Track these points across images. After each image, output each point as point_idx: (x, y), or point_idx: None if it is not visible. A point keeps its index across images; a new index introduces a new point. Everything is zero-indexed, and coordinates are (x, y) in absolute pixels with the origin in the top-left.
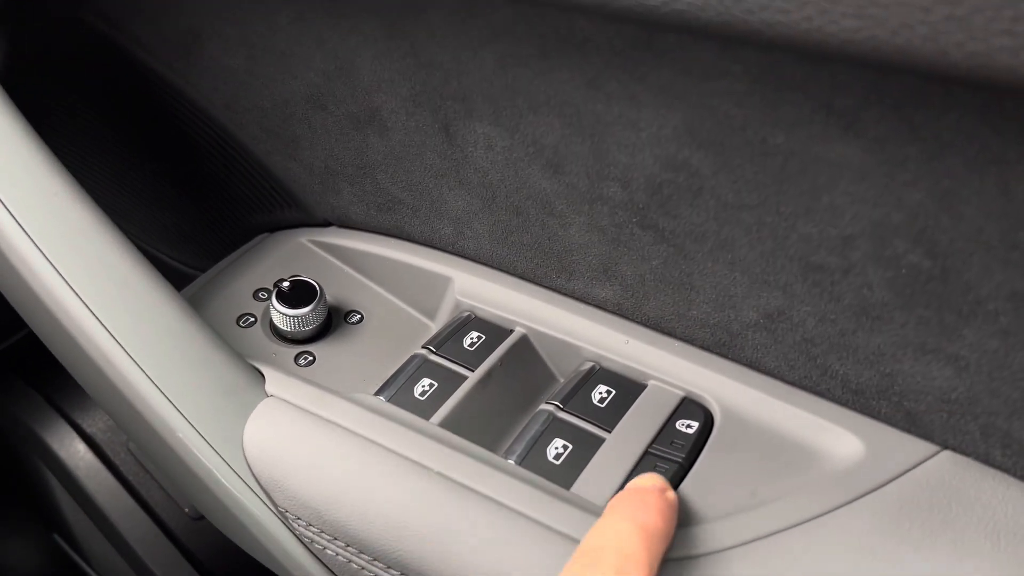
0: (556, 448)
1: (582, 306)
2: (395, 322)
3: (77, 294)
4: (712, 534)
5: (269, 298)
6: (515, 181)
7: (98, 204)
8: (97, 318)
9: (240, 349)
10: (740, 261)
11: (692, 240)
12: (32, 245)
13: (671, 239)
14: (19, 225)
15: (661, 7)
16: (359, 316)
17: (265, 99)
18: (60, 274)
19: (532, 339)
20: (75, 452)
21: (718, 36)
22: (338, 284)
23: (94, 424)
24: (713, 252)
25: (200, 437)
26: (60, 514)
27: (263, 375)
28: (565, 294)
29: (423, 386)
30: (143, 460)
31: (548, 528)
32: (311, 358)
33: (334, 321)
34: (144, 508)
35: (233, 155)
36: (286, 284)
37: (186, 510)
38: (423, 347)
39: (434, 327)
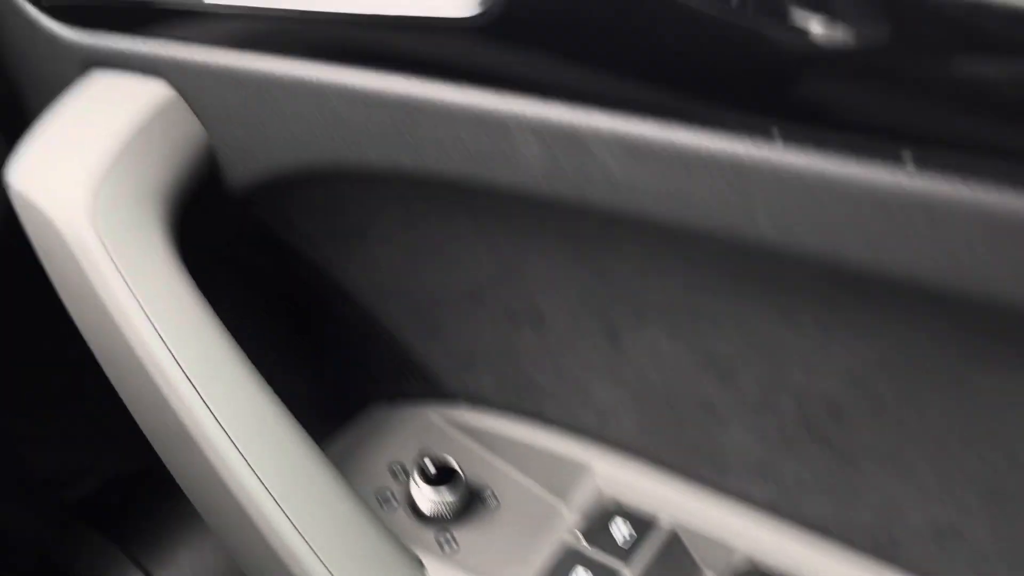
0: None
1: (734, 502)
2: (530, 506)
3: (239, 451)
4: None
5: (409, 476)
6: (677, 384)
7: None
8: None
9: None
10: (913, 475)
11: (863, 453)
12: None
13: (840, 449)
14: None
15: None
16: (493, 498)
17: (418, 291)
18: (222, 428)
19: (681, 535)
20: None
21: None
22: (470, 464)
23: None
24: (884, 465)
25: None
26: None
27: (422, 563)
28: (716, 488)
29: None
30: None
31: None
32: (453, 542)
33: (471, 503)
34: None
35: (364, 329)
36: (429, 463)
37: None
38: (571, 534)
39: (569, 513)
